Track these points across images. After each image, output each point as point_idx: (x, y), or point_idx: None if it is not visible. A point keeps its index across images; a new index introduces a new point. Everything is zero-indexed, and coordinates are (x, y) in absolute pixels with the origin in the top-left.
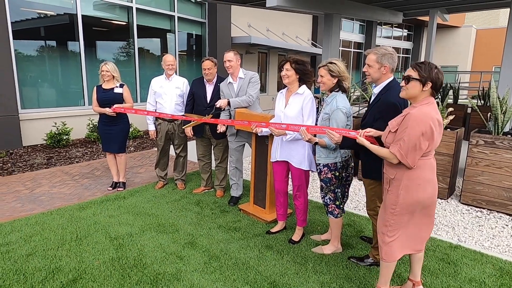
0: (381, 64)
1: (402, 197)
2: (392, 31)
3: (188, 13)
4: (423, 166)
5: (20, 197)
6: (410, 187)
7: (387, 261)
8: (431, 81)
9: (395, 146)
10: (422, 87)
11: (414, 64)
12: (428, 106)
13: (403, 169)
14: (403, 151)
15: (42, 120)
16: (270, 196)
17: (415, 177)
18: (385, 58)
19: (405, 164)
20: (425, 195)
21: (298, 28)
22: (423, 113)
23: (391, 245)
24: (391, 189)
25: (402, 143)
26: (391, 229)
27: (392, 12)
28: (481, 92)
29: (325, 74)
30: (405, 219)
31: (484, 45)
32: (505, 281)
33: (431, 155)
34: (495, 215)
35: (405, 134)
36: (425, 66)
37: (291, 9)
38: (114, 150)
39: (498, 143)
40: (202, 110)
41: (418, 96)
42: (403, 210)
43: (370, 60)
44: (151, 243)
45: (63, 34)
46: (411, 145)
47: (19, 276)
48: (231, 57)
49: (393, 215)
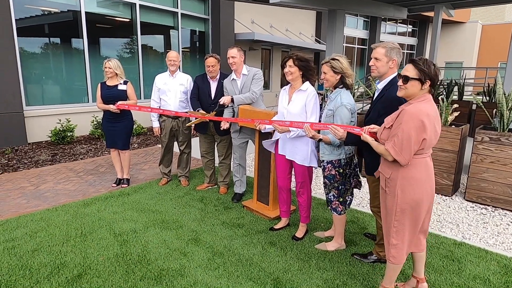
0: (390, 58)
1: (399, 197)
2: (396, 27)
3: (191, 10)
4: (419, 165)
5: (25, 193)
6: (406, 186)
7: (395, 263)
8: (430, 79)
9: (389, 143)
10: (421, 86)
11: (413, 62)
12: (425, 103)
13: (398, 168)
14: (397, 147)
15: (46, 117)
16: (273, 192)
17: (410, 176)
18: (393, 52)
19: (398, 161)
20: (422, 194)
21: (302, 25)
22: (418, 110)
23: (400, 247)
24: (388, 190)
25: (396, 139)
26: (396, 230)
27: (396, 7)
28: (487, 89)
29: (328, 70)
30: (407, 219)
31: (490, 40)
32: (509, 278)
33: (426, 153)
34: (500, 212)
35: (399, 130)
36: (424, 64)
37: (294, 5)
38: (118, 146)
39: (503, 139)
40: (207, 107)
41: (416, 95)
42: (403, 210)
43: (379, 53)
44: (155, 239)
45: (67, 31)
46: (405, 141)
47: (24, 271)
48: (234, 54)
49: (395, 216)
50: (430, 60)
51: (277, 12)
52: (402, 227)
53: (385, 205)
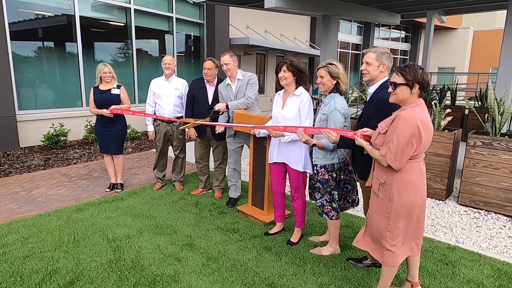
0: (381, 62)
1: (395, 201)
2: (390, 33)
3: (186, 14)
4: (413, 169)
5: (17, 198)
6: (401, 191)
7: (390, 266)
8: (418, 83)
9: (384, 148)
10: (410, 91)
11: (398, 69)
12: (418, 108)
13: (393, 173)
14: (392, 153)
15: (39, 121)
16: (268, 197)
17: (405, 180)
18: (384, 56)
19: (393, 167)
20: (417, 198)
21: (296, 29)
22: (412, 115)
23: (394, 250)
24: (382, 194)
25: (391, 145)
26: (390, 234)
27: (389, 13)
28: (479, 94)
29: (325, 75)
30: (402, 223)
31: (481, 46)
32: (503, 282)
33: (420, 158)
34: (493, 216)
35: (394, 136)
36: (409, 70)
37: (289, 10)
38: (111, 151)
39: (495, 144)
40: (204, 112)
41: (407, 99)
42: (398, 214)
43: (370, 58)
44: (149, 244)
45: (60, 35)
46: (400, 147)
47: (15, 278)
48: (227, 60)
49: (389, 220)
50: (417, 65)
51: (271, 17)
52: (397, 231)
53: (376, 210)
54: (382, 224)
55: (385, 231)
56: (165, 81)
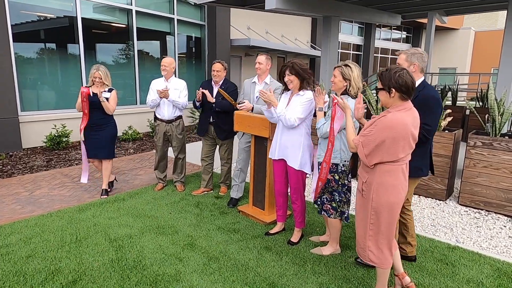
0: (411, 63)
1: (374, 200)
2: (391, 33)
3: (187, 16)
4: (395, 172)
5: (20, 199)
6: (380, 191)
7: (383, 267)
8: (393, 87)
9: (361, 138)
10: (389, 95)
11: (378, 73)
12: (403, 112)
13: (374, 173)
14: (364, 144)
15: (41, 123)
16: (269, 197)
17: (385, 181)
18: (414, 56)
19: (361, 158)
20: (397, 198)
21: (297, 30)
22: (395, 119)
23: (383, 251)
24: (364, 193)
25: (366, 138)
26: (372, 233)
27: (390, 14)
28: (480, 94)
29: (338, 75)
30: (382, 221)
31: (483, 47)
32: (502, 281)
33: (403, 161)
34: (493, 216)
35: (372, 132)
36: (386, 74)
37: (290, 11)
38: (102, 156)
39: (495, 144)
40: (208, 109)
41: (390, 103)
42: (378, 212)
43: (400, 59)
44: (150, 244)
45: (63, 36)
46: (372, 143)
47: (19, 277)
48: (262, 60)
49: (370, 219)
50: (397, 67)
51: (272, 18)
52: (377, 229)
53: (361, 209)
54: (365, 223)
55: (368, 229)
56: (165, 82)
